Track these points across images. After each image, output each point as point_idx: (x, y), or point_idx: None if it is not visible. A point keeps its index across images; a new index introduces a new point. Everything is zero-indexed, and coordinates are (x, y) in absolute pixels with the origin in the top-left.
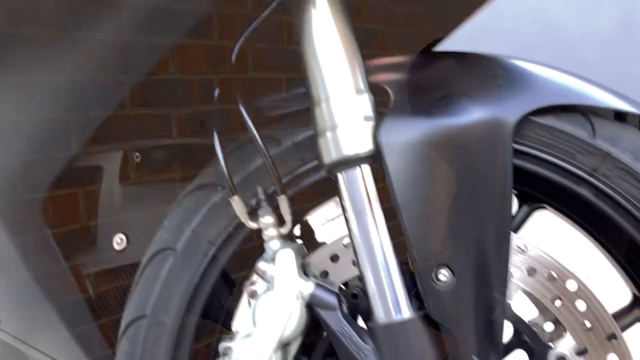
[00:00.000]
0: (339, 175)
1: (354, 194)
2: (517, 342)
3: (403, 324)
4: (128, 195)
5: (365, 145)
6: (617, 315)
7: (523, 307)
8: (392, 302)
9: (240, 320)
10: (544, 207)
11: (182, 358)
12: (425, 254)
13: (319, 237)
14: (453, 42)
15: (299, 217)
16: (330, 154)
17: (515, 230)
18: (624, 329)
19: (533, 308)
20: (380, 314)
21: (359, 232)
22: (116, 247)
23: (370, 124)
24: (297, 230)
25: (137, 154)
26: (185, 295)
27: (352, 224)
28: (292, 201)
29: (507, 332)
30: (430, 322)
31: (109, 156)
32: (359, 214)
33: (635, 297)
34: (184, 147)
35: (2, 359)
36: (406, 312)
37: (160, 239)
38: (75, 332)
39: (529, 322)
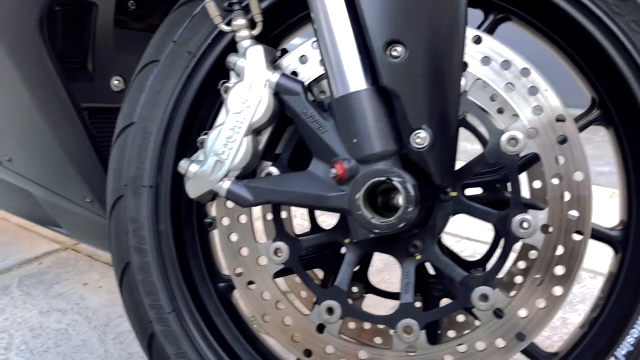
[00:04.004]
0: None
1: None
2: (468, 128)
3: (357, 94)
4: (125, 40)
5: None
6: (578, 118)
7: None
8: (348, 76)
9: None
10: (509, 19)
11: (167, 163)
12: (379, 31)
13: None
14: None
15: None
16: None
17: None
18: (582, 128)
19: (487, 96)
20: (338, 89)
21: (321, 14)
22: (114, 88)
23: None
24: None
25: (132, 1)
26: (169, 103)
27: (315, 8)
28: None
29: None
30: (385, 95)
31: None
32: None
33: (593, 100)
34: None
35: (10, 202)
36: (361, 84)
37: (146, 54)
38: (81, 170)
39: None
